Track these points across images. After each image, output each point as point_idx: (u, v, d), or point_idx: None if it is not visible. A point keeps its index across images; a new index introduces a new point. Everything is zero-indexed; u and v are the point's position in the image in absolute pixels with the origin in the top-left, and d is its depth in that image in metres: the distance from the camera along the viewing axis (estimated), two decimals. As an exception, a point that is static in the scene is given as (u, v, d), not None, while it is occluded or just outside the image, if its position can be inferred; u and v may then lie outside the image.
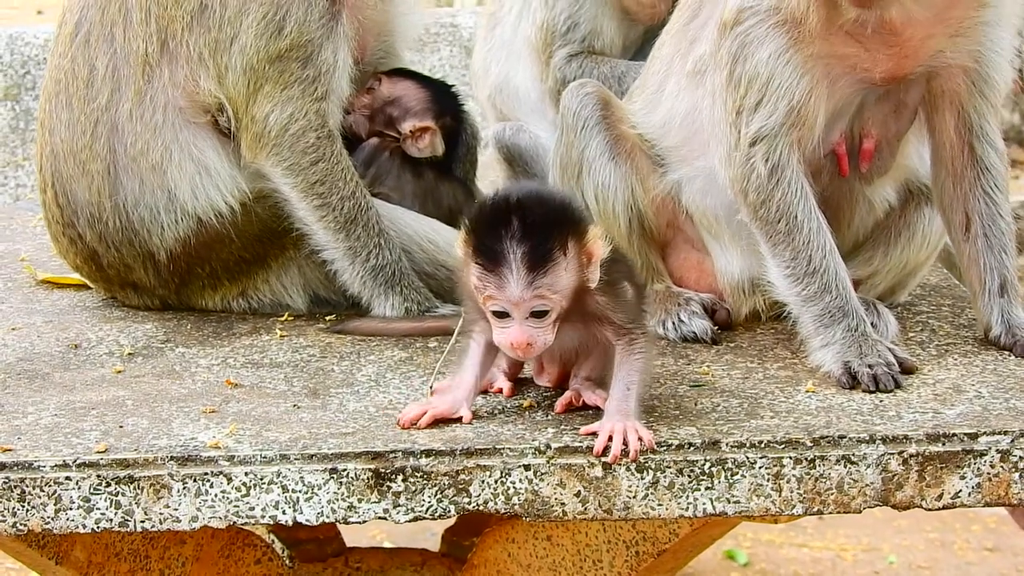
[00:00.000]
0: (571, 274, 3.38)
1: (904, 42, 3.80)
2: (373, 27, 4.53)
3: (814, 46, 3.78)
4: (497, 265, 3.32)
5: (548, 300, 3.35)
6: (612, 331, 3.47)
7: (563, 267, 3.35)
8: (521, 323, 3.37)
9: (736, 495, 3.34)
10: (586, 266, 3.40)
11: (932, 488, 3.34)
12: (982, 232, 3.97)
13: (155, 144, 4.29)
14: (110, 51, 4.31)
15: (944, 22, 3.81)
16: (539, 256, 3.32)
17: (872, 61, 3.81)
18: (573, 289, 3.39)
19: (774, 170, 3.84)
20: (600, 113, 4.24)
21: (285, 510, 3.34)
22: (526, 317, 3.36)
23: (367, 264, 4.35)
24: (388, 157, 4.62)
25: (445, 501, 3.34)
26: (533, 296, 3.34)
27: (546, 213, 3.35)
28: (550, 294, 3.35)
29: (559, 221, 3.36)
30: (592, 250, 3.40)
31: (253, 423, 3.52)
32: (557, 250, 3.33)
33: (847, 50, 3.80)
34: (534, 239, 3.31)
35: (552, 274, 3.34)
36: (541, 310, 3.36)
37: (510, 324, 3.38)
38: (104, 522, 3.34)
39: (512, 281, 3.32)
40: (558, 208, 3.40)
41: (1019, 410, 3.46)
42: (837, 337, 3.77)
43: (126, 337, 4.22)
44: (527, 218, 3.32)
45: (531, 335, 3.37)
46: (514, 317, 3.37)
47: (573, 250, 3.37)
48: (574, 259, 3.38)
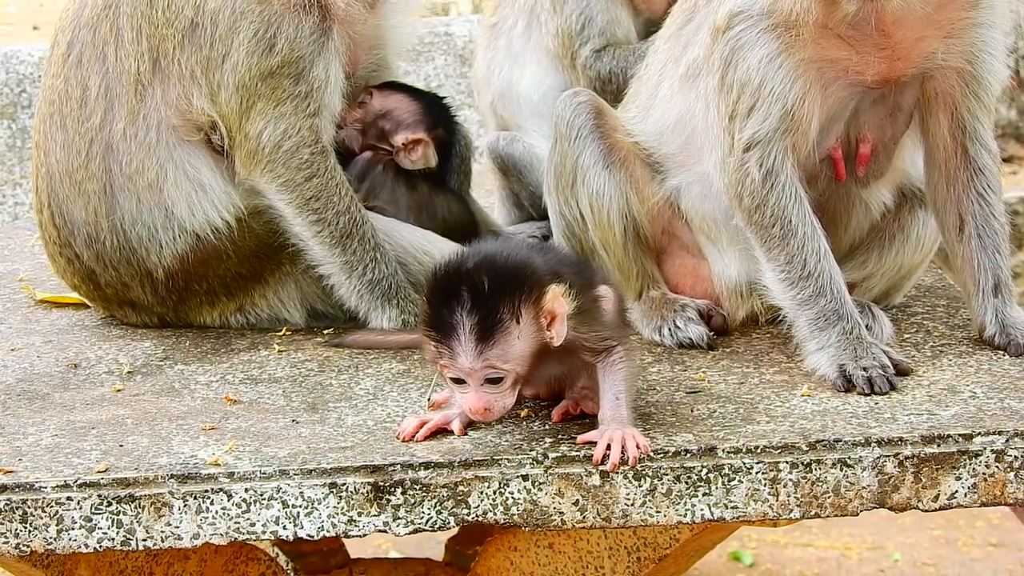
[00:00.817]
0: (525, 341, 3.38)
1: (895, 44, 3.82)
2: (364, 41, 4.56)
3: (806, 50, 3.80)
4: (447, 337, 3.35)
5: (499, 369, 3.37)
6: (589, 354, 3.49)
7: (515, 336, 3.36)
8: (477, 390, 3.39)
9: (733, 500, 3.36)
10: (546, 328, 3.40)
11: (928, 489, 3.36)
12: (976, 233, 3.98)
13: (150, 163, 4.32)
14: (102, 71, 4.34)
15: (935, 24, 3.83)
16: (488, 327, 3.33)
17: (864, 64, 3.83)
18: (530, 354, 3.40)
19: (768, 175, 3.86)
20: (594, 122, 4.26)
21: (286, 525, 3.36)
22: (481, 384, 3.39)
23: (363, 278, 4.37)
24: (382, 170, 4.64)
25: (444, 513, 3.36)
26: (484, 366, 3.36)
27: (496, 281, 3.34)
28: (501, 364, 3.36)
29: (510, 289, 3.35)
30: (554, 309, 3.39)
31: (252, 439, 3.55)
32: (508, 319, 3.34)
33: (839, 54, 3.81)
34: (483, 309, 3.33)
35: (502, 344, 3.35)
36: (495, 377, 3.38)
37: (467, 390, 3.40)
38: (106, 541, 3.36)
39: (461, 353, 3.35)
40: (512, 274, 3.38)
41: (1014, 410, 3.48)
42: (832, 340, 3.79)
43: (125, 355, 4.24)
44: (477, 288, 3.33)
45: (487, 401, 3.39)
46: (470, 384, 3.39)
47: (528, 315, 3.37)
48: (530, 324, 3.38)
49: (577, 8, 5.04)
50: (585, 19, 5.03)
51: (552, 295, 3.39)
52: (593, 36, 5.03)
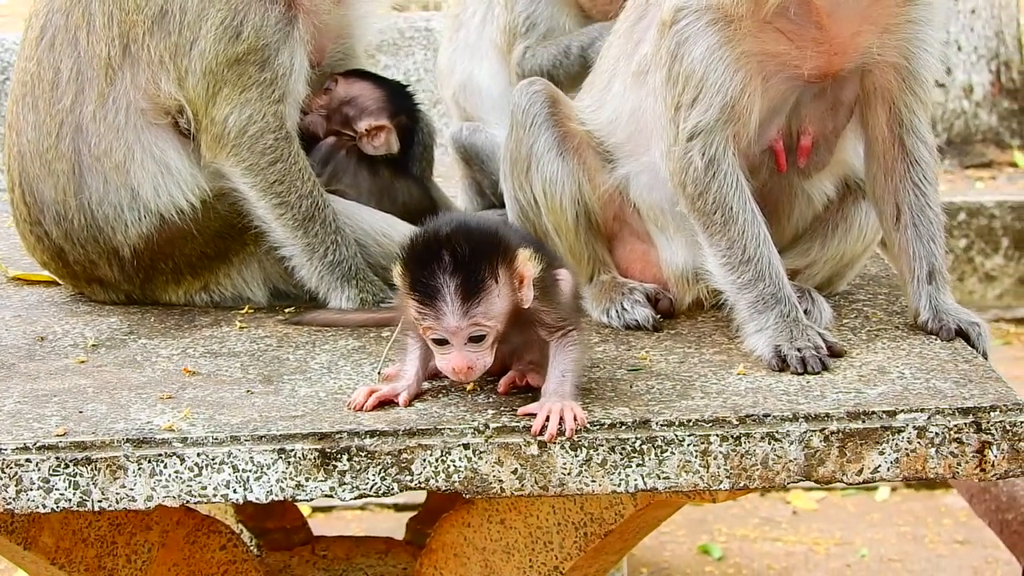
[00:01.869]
0: (504, 299, 3.56)
1: (832, 38, 3.95)
2: (330, 31, 4.68)
3: (746, 43, 3.94)
4: (432, 299, 3.51)
5: (483, 327, 3.54)
6: (545, 331, 3.65)
7: (495, 294, 3.54)
8: (460, 349, 3.55)
9: (666, 471, 3.49)
10: (518, 288, 3.58)
11: (852, 463, 3.49)
12: (912, 222, 4.11)
13: (118, 144, 4.45)
14: (74, 54, 4.47)
15: (870, 19, 3.95)
16: (471, 286, 3.50)
17: (802, 58, 3.95)
18: (507, 312, 3.58)
19: (710, 163, 3.99)
20: (548, 110, 4.39)
21: (236, 489, 3.49)
22: (464, 343, 3.55)
23: (324, 259, 4.50)
24: (345, 156, 4.77)
25: (388, 479, 3.49)
26: (469, 324, 3.52)
27: (474, 244, 3.52)
28: (485, 321, 3.53)
29: (488, 250, 3.54)
30: (523, 272, 3.57)
31: (207, 408, 3.68)
32: (488, 278, 3.52)
33: (778, 47, 3.95)
34: (465, 271, 3.50)
35: (485, 302, 3.52)
36: (478, 335, 3.55)
37: (450, 351, 3.56)
38: (63, 502, 3.49)
39: (448, 313, 3.51)
40: (486, 237, 3.57)
41: (938, 389, 3.62)
42: (770, 323, 3.92)
43: (91, 330, 4.37)
44: (456, 251, 3.50)
45: (470, 360, 3.55)
46: (453, 344, 3.55)
47: (504, 276, 3.55)
48: (506, 284, 3.56)
49: (525, 10, 5.16)
50: (530, 23, 5.16)
51: (522, 258, 3.58)
52: (532, 38, 5.16)
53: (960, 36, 12.29)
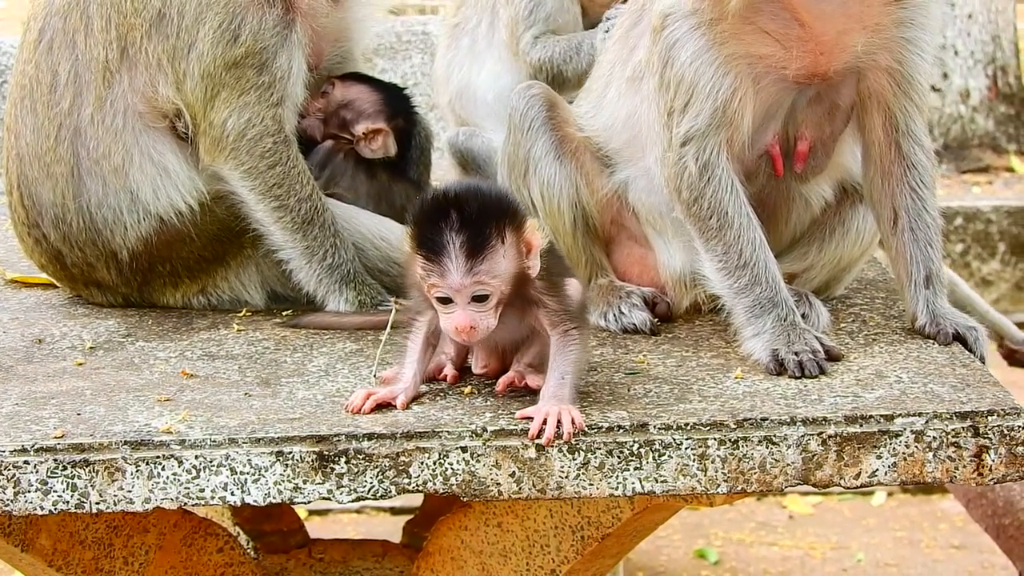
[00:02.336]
0: (509, 261, 3.57)
1: (818, 38, 3.95)
2: (328, 34, 4.69)
3: (731, 45, 3.94)
4: (438, 255, 3.53)
5: (487, 285, 3.55)
6: (547, 319, 3.65)
7: (501, 254, 3.55)
8: (464, 308, 3.56)
9: (663, 475, 3.50)
10: (525, 255, 3.60)
11: (850, 467, 3.50)
12: (908, 226, 4.12)
13: (116, 147, 4.45)
14: (72, 57, 4.47)
15: (856, 18, 3.95)
16: (477, 244, 3.52)
17: (788, 58, 3.96)
18: (512, 275, 3.59)
19: (704, 168, 4.00)
20: (546, 114, 4.40)
21: (233, 491, 3.50)
22: (468, 302, 3.56)
23: (323, 263, 4.51)
24: (342, 159, 4.77)
25: (386, 482, 3.50)
26: (473, 282, 3.53)
27: (482, 204, 3.56)
28: (489, 279, 3.54)
29: (495, 211, 3.57)
30: (530, 240, 3.60)
31: (205, 410, 3.68)
32: (494, 238, 3.54)
33: (764, 49, 3.95)
34: (472, 228, 3.52)
35: (490, 260, 3.54)
36: (482, 295, 3.56)
37: (454, 309, 3.57)
38: (61, 504, 3.49)
39: (453, 269, 3.52)
40: (494, 200, 3.60)
41: (935, 394, 3.62)
42: (767, 327, 3.93)
43: (88, 332, 4.37)
44: (465, 210, 3.53)
45: (474, 319, 3.57)
46: (457, 303, 3.56)
47: (511, 238, 3.57)
48: (512, 247, 3.58)
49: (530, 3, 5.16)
50: (534, 4, 5.16)
51: (531, 226, 3.62)
52: (537, 22, 5.16)
53: (957, 41, 12.31)
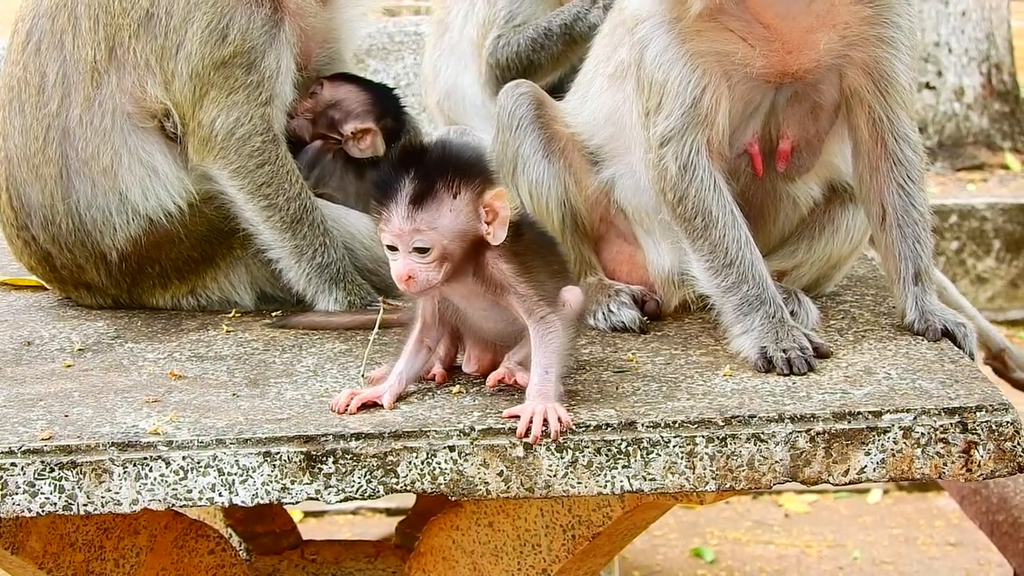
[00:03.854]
0: (457, 217, 3.55)
1: (784, 37, 3.94)
2: (316, 34, 4.69)
3: (696, 43, 3.94)
4: (387, 199, 3.54)
5: (426, 236, 3.53)
6: (521, 306, 3.63)
7: (447, 207, 3.54)
8: (405, 256, 3.55)
9: (651, 473, 3.49)
10: (484, 219, 3.57)
11: (838, 464, 3.49)
12: (896, 223, 4.12)
13: (105, 148, 4.45)
14: (60, 58, 4.47)
15: (821, 16, 3.95)
16: (422, 191, 3.52)
17: (754, 56, 3.96)
18: (459, 232, 3.56)
19: (685, 168, 4.00)
20: (534, 112, 4.40)
21: (221, 492, 3.49)
22: (409, 251, 3.55)
23: (313, 262, 4.50)
24: (331, 159, 4.77)
25: (374, 482, 3.49)
26: (411, 229, 3.53)
27: (443, 157, 3.55)
28: (427, 229, 3.53)
29: (455, 166, 3.55)
30: (494, 205, 3.57)
31: (193, 411, 3.68)
32: (443, 190, 3.53)
33: (730, 47, 3.95)
34: (422, 176, 3.52)
35: (433, 210, 3.53)
36: (421, 245, 3.54)
37: (398, 258, 3.57)
38: (48, 506, 3.49)
39: (394, 213, 3.53)
40: (459, 156, 3.58)
41: (924, 390, 3.62)
42: (755, 324, 3.92)
43: (78, 334, 4.37)
44: (424, 159, 3.54)
45: (413, 268, 3.55)
46: (399, 250, 3.56)
47: (466, 196, 3.55)
48: (467, 204, 3.55)
49: (508, 6, 5.15)
50: (510, 14, 5.14)
51: (497, 193, 3.58)
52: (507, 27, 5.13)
53: (951, 38, 12.31)
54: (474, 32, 5.22)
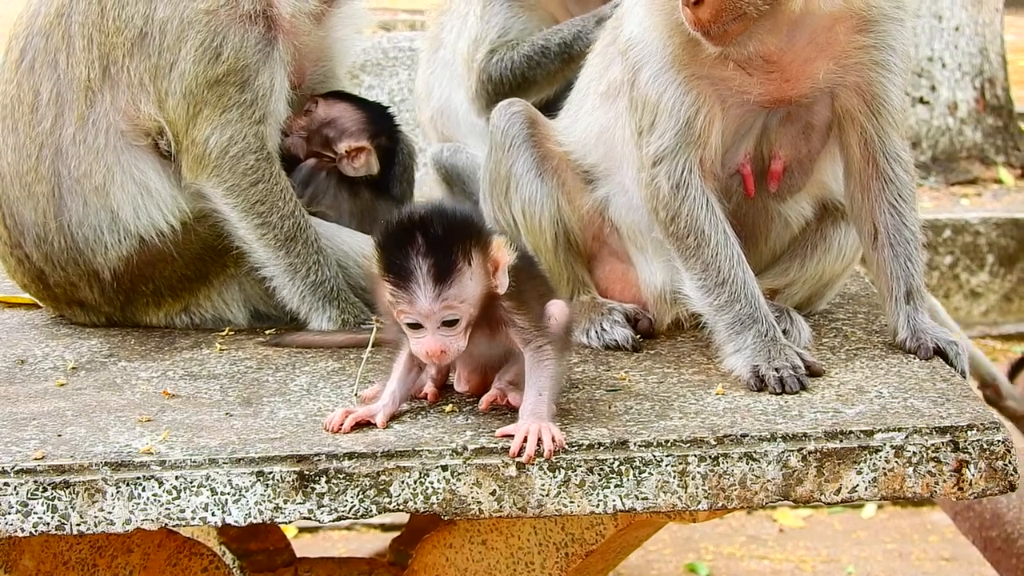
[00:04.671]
0: (477, 283, 3.56)
1: (784, 67, 3.97)
2: (310, 52, 4.70)
3: (693, 67, 3.96)
4: (406, 281, 3.52)
5: (456, 310, 3.54)
6: (519, 337, 3.65)
7: (468, 276, 3.54)
8: (434, 333, 3.56)
9: (644, 492, 3.50)
10: (492, 274, 3.59)
11: (830, 483, 3.50)
12: (888, 242, 4.13)
13: (98, 166, 4.46)
14: (54, 77, 4.48)
15: (820, 47, 3.97)
16: (444, 269, 3.51)
17: (751, 84, 3.98)
18: (480, 296, 3.58)
19: (677, 188, 4.01)
20: (527, 131, 4.41)
21: (214, 512, 3.49)
22: (438, 327, 3.55)
23: (306, 280, 4.51)
24: (325, 177, 4.78)
25: (367, 501, 3.50)
26: (442, 307, 3.53)
27: (448, 227, 3.54)
28: (457, 303, 3.54)
29: (461, 233, 3.55)
30: (497, 258, 3.59)
31: (186, 430, 3.68)
32: (461, 261, 3.53)
33: (727, 73, 3.97)
34: (438, 253, 3.51)
35: (458, 285, 3.53)
36: (451, 319, 3.55)
37: (424, 334, 3.56)
38: (41, 525, 3.49)
39: (421, 295, 3.51)
40: (459, 221, 3.58)
41: (915, 408, 3.63)
42: (748, 343, 3.93)
43: (71, 352, 4.37)
44: (430, 233, 3.51)
45: (444, 343, 3.56)
46: (427, 328, 3.55)
47: (477, 259, 3.56)
48: (479, 268, 3.56)
49: (503, 21, 5.15)
50: (503, 29, 5.15)
51: (497, 244, 3.60)
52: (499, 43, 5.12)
53: (944, 53, 12.33)
54: (465, 48, 5.22)
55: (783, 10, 3.82)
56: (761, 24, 3.81)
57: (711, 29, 3.80)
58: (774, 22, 3.83)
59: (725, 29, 3.80)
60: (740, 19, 3.79)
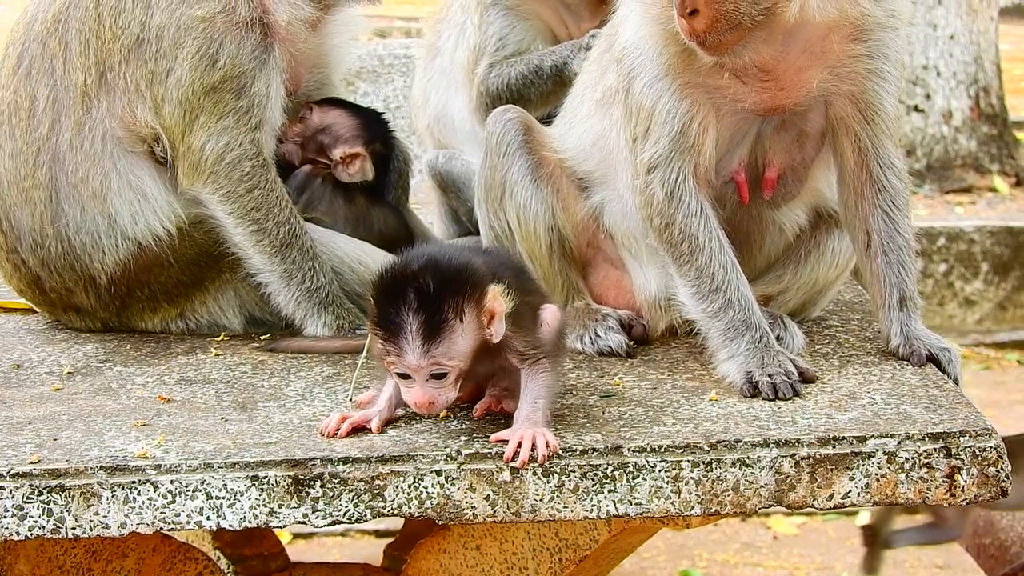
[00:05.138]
0: (468, 338, 3.57)
1: (778, 76, 3.99)
2: (306, 59, 4.71)
3: (688, 75, 3.98)
4: (395, 336, 3.53)
5: (444, 366, 3.56)
6: (516, 358, 3.66)
7: (459, 333, 3.55)
8: (422, 385, 3.57)
9: (637, 497, 3.51)
10: (487, 325, 3.58)
11: (823, 489, 3.52)
12: (881, 249, 4.14)
13: (95, 172, 4.47)
14: (51, 83, 4.49)
15: (815, 55, 3.99)
16: (433, 327, 3.51)
17: (745, 92, 4.00)
18: (472, 350, 3.59)
19: (672, 195, 4.03)
20: (522, 138, 4.43)
21: (209, 516, 3.50)
22: (426, 380, 3.57)
23: (302, 286, 4.52)
24: (320, 183, 4.80)
25: (361, 506, 3.51)
26: (430, 363, 3.54)
27: (440, 282, 3.53)
28: (446, 361, 3.55)
29: (453, 289, 3.54)
30: (492, 309, 3.58)
31: (181, 435, 3.69)
32: (452, 319, 3.53)
33: (722, 82, 3.98)
34: (428, 310, 3.51)
35: (447, 343, 3.54)
36: (439, 373, 3.57)
37: (413, 385, 3.58)
38: (37, 529, 3.50)
39: (409, 351, 3.53)
40: (453, 275, 3.56)
41: (908, 415, 3.64)
42: (741, 349, 3.94)
43: (67, 357, 4.39)
44: (422, 288, 3.51)
45: (432, 395, 3.58)
46: (416, 380, 3.57)
47: (470, 314, 3.56)
48: (472, 322, 3.56)
49: (499, 32, 5.16)
50: (502, 42, 5.16)
51: (492, 295, 3.58)
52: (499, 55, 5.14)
53: (939, 62, 12.36)
54: (465, 58, 5.24)
55: (778, 20, 3.83)
56: (756, 34, 3.83)
57: (707, 39, 3.82)
58: (769, 32, 3.85)
59: (720, 39, 3.82)
60: (735, 29, 3.81)
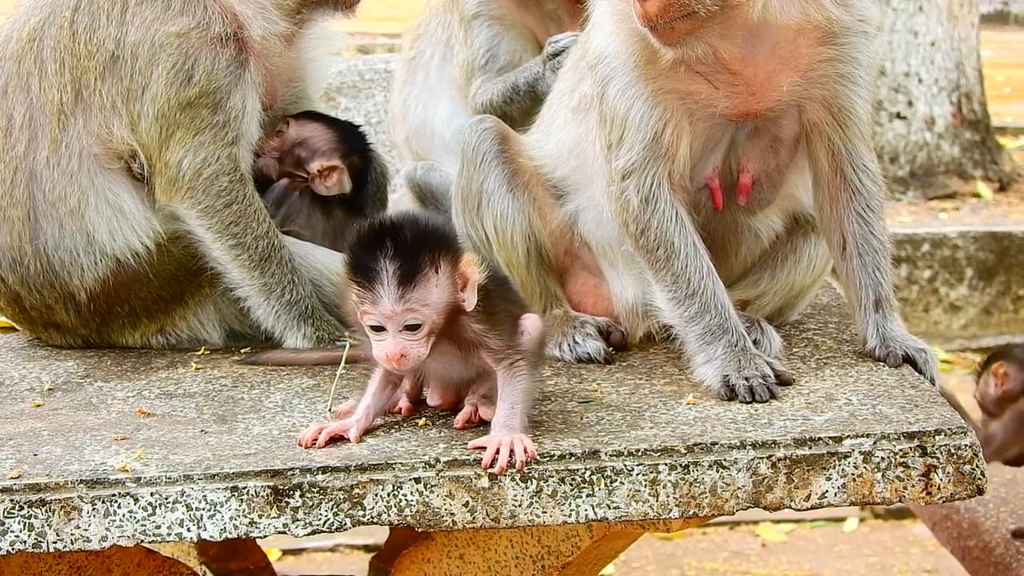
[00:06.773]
0: (442, 291, 3.60)
1: (748, 80, 4.01)
2: (282, 74, 4.73)
3: (660, 81, 4.00)
4: (371, 282, 3.56)
5: (419, 313, 3.57)
6: (491, 357, 3.68)
7: (434, 283, 3.58)
8: (395, 336, 3.59)
9: (616, 501, 3.53)
10: (460, 288, 3.62)
11: (800, 489, 3.53)
12: (856, 251, 4.17)
13: (72, 190, 4.48)
14: (27, 101, 4.51)
15: (785, 60, 4.01)
16: (409, 271, 3.55)
17: (717, 97, 4.02)
18: (445, 305, 3.61)
19: (646, 201, 4.05)
20: (498, 147, 4.45)
21: (190, 527, 3.52)
22: (400, 330, 3.58)
23: (281, 299, 4.54)
24: (298, 197, 4.81)
25: (341, 514, 3.52)
26: (404, 309, 3.56)
27: (417, 233, 3.59)
28: (420, 307, 3.57)
29: (430, 240, 3.59)
30: (466, 273, 3.62)
31: (161, 448, 3.70)
32: (428, 267, 3.57)
33: (693, 86, 4.01)
34: (405, 256, 3.55)
35: (422, 288, 3.56)
36: (413, 323, 3.58)
37: (385, 337, 3.59)
38: (18, 544, 3.51)
39: (384, 296, 3.55)
40: (431, 229, 3.63)
41: (884, 415, 3.66)
42: (718, 353, 3.97)
43: (47, 374, 4.40)
44: (399, 238, 3.56)
45: (404, 347, 3.59)
46: (388, 330, 3.58)
47: (445, 269, 3.60)
48: (446, 278, 3.60)
49: (485, 44, 5.19)
50: (490, 55, 5.19)
51: (468, 260, 3.63)
52: (491, 71, 5.18)
53: (921, 68, 12.40)
54: (457, 73, 5.28)
55: (736, 15, 3.86)
56: (711, 27, 3.85)
57: (658, 24, 3.83)
58: (725, 26, 3.87)
59: (672, 26, 3.83)
60: (688, 17, 3.82)
